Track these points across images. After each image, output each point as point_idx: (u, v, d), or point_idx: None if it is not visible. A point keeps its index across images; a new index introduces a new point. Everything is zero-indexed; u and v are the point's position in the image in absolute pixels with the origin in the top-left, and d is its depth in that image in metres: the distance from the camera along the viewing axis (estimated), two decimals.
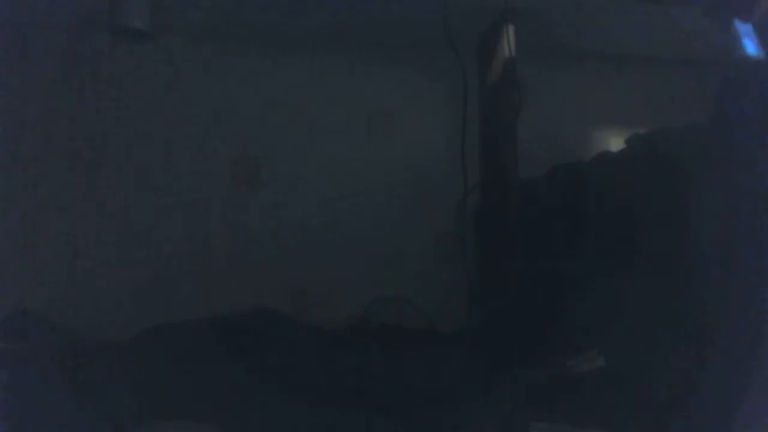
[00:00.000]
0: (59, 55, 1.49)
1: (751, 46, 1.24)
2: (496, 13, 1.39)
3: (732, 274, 1.14)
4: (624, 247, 1.24)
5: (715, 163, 1.20)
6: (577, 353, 1.19)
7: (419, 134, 1.62)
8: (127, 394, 1.06)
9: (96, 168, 1.50)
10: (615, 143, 1.52)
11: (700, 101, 1.41)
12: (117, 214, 1.49)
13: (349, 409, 1.10)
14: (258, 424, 1.08)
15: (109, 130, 1.51)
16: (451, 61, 1.43)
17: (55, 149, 1.48)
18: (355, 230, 1.58)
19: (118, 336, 1.18)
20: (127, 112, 1.51)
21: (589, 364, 1.17)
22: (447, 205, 1.51)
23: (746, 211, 1.15)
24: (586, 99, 1.66)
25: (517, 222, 1.33)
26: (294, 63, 1.59)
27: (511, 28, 1.37)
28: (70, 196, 1.48)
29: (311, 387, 1.11)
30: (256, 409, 1.08)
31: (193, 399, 1.08)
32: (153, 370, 1.11)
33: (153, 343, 1.16)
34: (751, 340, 1.09)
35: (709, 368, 1.12)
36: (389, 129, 1.62)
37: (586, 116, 1.66)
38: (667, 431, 1.12)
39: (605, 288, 1.22)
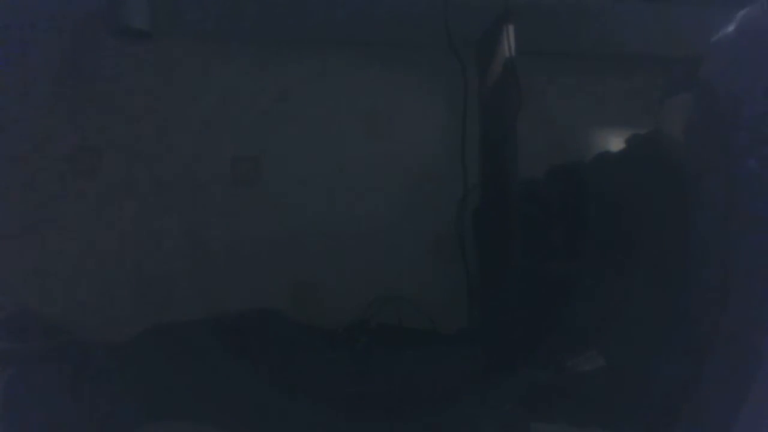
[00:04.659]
0: (59, 55, 1.49)
1: None
2: (496, 13, 1.39)
3: (732, 274, 1.14)
4: (624, 247, 1.24)
5: (715, 162, 1.20)
6: (577, 353, 1.19)
7: (419, 134, 1.61)
8: (127, 394, 1.06)
9: (96, 168, 1.50)
10: (615, 143, 1.52)
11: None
12: (117, 214, 1.49)
13: (349, 408, 1.10)
14: (258, 424, 1.08)
15: (108, 130, 1.51)
16: (451, 60, 1.43)
17: (55, 149, 1.48)
18: (354, 230, 1.58)
19: (118, 336, 1.18)
20: (127, 112, 1.51)
21: (589, 364, 1.17)
22: (447, 205, 1.51)
23: (746, 210, 1.15)
24: (586, 99, 1.66)
25: (516, 222, 1.33)
26: (294, 63, 1.59)
27: (511, 28, 1.37)
28: (70, 196, 1.48)
29: (311, 387, 1.11)
30: (256, 409, 1.08)
31: (193, 399, 1.08)
32: (153, 370, 1.11)
33: (153, 343, 1.16)
34: (751, 340, 1.09)
35: (709, 368, 1.12)
36: (389, 129, 1.61)
37: (586, 116, 1.66)
38: None
39: (605, 288, 1.22)
